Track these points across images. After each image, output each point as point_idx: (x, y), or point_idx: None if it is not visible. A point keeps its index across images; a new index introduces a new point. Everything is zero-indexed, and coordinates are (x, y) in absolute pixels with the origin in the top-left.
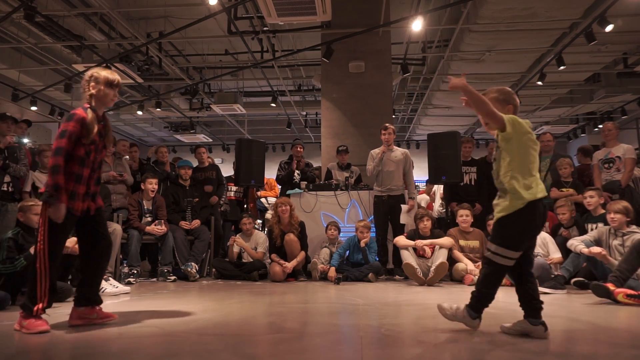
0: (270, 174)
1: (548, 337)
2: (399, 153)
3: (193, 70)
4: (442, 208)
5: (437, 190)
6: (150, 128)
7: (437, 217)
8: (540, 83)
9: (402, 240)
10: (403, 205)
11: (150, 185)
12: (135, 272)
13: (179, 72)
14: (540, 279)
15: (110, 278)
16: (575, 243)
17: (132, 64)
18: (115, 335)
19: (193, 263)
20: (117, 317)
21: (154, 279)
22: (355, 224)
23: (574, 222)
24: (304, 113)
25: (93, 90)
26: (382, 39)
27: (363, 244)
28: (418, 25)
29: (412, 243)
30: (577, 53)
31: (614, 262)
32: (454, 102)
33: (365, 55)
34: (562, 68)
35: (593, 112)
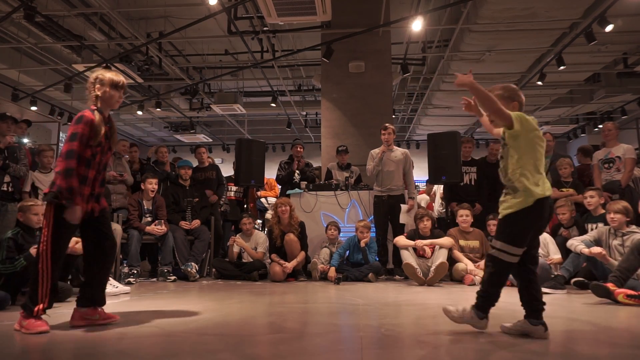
0: (270, 174)
1: (548, 337)
2: (399, 153)
3: (193, 70)
4: (442, 208)
5: (437, 191)
6: (150, 128)
7: (437, 216)
8: (540, 83)
9: (402, 240)
10: (403, 205)
11: (150, 185)
12: (135, 272)
13: (179, 72)
14: (540, 279)
15: (110, 278)
16: (575, 243)
17: (132, 64)
18: (116, 335)
19: (193, 263)
20: (119, 318)
21: (154, 279)
22: (355, 224)
23: (574, 222)
24: (304, 113)
25: (98, 92)
26: (382, 39)
27: (363, 244)
28: (418, 25)
29: (412, 243)
30: (577, 53)
31: (614, 262)
32: (454, 102)
33: (365, 55)
34: (562, 68)
35: (593, 112)
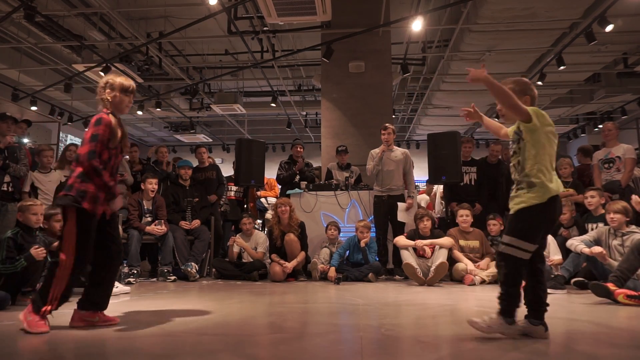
0: (270, 174)
1: (548, 337)
2: (399, 153)
3: (193, 70)
4: (442, 207)
5: (437, 191)
6: (150, 128)
7: (438, 216)
8: (540, 83)
9: (402, 240)
10: (401, 203)
11: (150, 185)
12: (135, 272)
13: (179, 72)
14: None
15: None
16: (575, 243)
17: (132, 64)
18: (115, 335)
19: (193, 263)
20: (118, 321)
21: (154, 279)
22: (355, 224)
23: (574, 222)
24: (304, 113)
25: (108, 97)
26: (382, 39)
27: (363, 244)
28: (418, 25)
29: (412, 243)
30: (577, 53)
31: (614, 262)
32: (454, 102)
33: (365, 55)
34: (562, 68)
35: (593, 112)
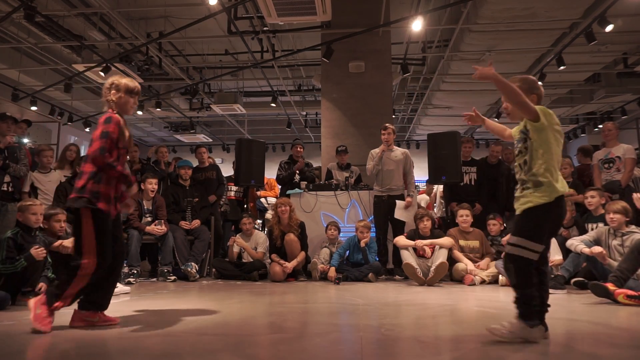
0: (270, 174)
1: (548, 337)
2: (399, 153)
3: (193, 70)
4: (442, 207)
5: (436, 191)
6: (150, 128)
7: (439, 216)
8: (540, 83)
9: (402, 240)
10: (399, 201)
11: (150, 185)
12: (135, 272)
13: (179, 72)
14: None
15: None
16: (575, 243)
17: (132, 64)
18: (115, 335)
19: (193, 263)
20: (119, 321)
21: (154, 279)
22: (355, 224)
23: (574, 222)
24: (304, 113)
25: (114, 97)
26: (382, 39)
27: (363, 244)
28: (418, 25)
29: (412, 243)
30: (577, 53)
31: (613, 263)
32: (454, 102)
33: (365, 55)
34: (562, 68)
35: (593, 112)
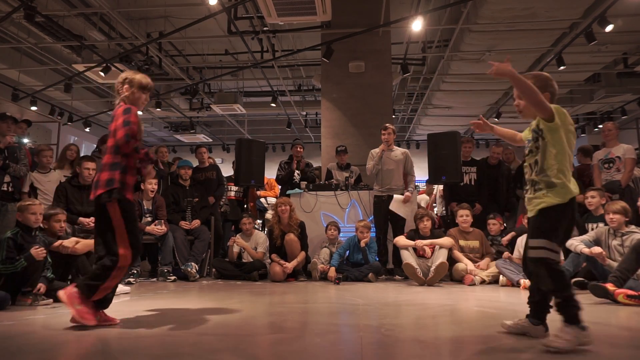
0: (270, 174)
1: (548, 337)
2: (399, 153)
3: (193, 70)
4: (442, 208)
5: (435, 192)
6: (150, 128)
7: (440, 215)
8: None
9: (402, 240)
10: (397, 195)
11: (150, 186)
12: (135, 272)
13: (179, 72)
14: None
15: None
16: (575, 243)
17: (132, 64)
18: (116, 335)
19: (193, 263)
20: (119, 321)
21: (154, 279)
22: (355, 224)
23: (574, 222)
24: (304, 113)
25: (126, 92)
26: (382, 39)
27: (363, 244)
28: (418, 25)
29: (412, 243)
30: (577, 53)
31: (613, 263)
32: (454, 102)
33: (365, 55)
34: (562, 68)
35: (593, 112)
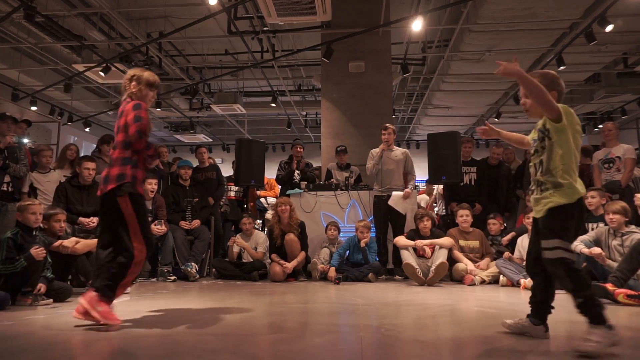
0: (270, 174)
1: (548, 337)
2: (399, 152)
3: (193, 70)
4: (441, 208)
5: (436, 192)
6: None
7: (441, 215)
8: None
9: (402, 240)
10: (396, 193)
11: (150, 186)
12: None
13: (179, 72)
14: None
15: None
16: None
17: (132, 64)
18: (116, 335)
19: (193, 263)
20: (120, 322)
21: (154, 279)
22: (355, 224)
23: None
24: (304, 113)
25: (134, 89)
26: (382, 39)
27: (363, 244)
28: (418, 25)
29: (412, 243)
30: (577, 53)
31: (613, 263)
32: (454, 102)
33: (365, 55)
34: (562, 68)
35: (593, 112)
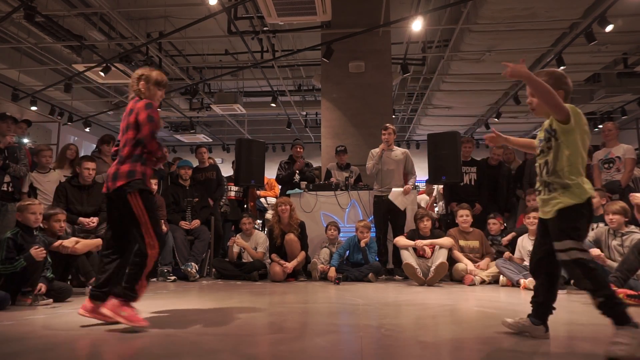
0: (270, 174)
1: (548, 337)
2: (399, 152)
3: (193, 70)
4: (441, 209)
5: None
6: None
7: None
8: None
9: (402, 240)
10: (395, 189)
11: (150, 186)
12: None
13: (179, 72)
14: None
15: None
16: None
17: (132, 64)
18: (116, 335)
19: (193, 263)
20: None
21: (154, 279)
22: (355, 224)
23: None
24: (304, 113)
25: (142, 88)
26: (382, 39)
27: (363, 244)
28: (418, 25)
29: (412, 243)
30: (577, 53)
31: (613, 264)
32: (454, 102)
33: (365, 55)
34: (562, 68)
35: (593, 112)
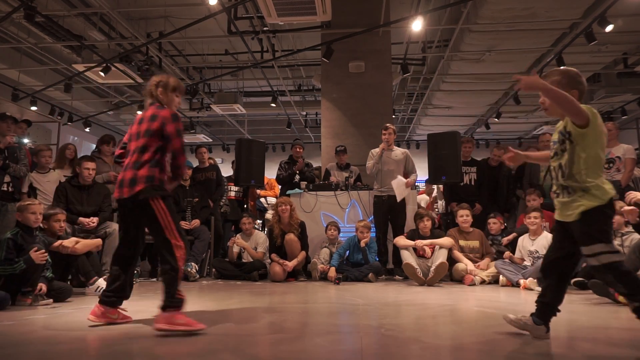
0: (270, 174)
1: (549, 338)
2: (399, 152)
3: (193, 70)
4: (440, 209)
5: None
6: None
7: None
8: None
9: (402, 240)
10: (395, 182)
11: None
12: (136, 272)
13: (179, 72)
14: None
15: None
16: None
17: (132, 64)
18: (116, 336)
19: (193, 263)
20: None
21: (154, 279)
22: (355, 224)
23: None
24: (304, 113)
25: (160, 95)
26: (382, 39)
27: (363, 244)
28: (418, 25)
29: (412, 243)
30: (577, 53)
31: None
32: (454, 102)
33: (365, 55)
34: (562, 68)
35: None
